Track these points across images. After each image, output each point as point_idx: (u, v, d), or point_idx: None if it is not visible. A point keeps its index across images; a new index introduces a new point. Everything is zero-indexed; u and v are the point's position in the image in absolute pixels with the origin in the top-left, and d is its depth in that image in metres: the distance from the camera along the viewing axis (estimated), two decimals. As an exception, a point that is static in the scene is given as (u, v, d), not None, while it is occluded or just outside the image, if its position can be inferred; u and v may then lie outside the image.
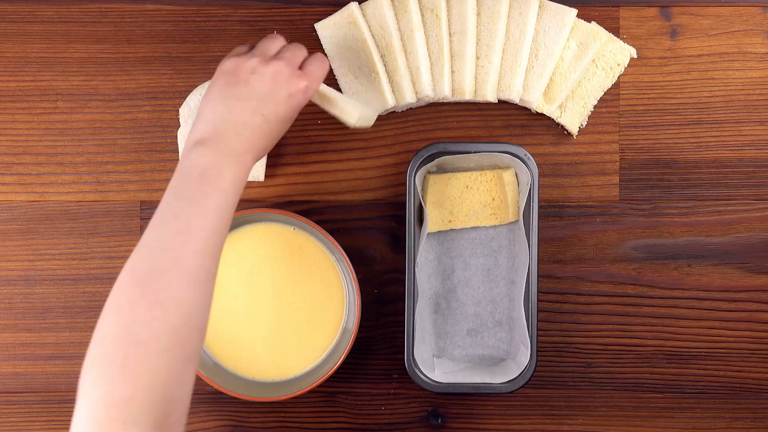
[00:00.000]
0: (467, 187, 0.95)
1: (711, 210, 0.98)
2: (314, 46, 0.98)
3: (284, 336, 0.95)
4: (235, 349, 0.95)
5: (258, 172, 0.96)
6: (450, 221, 0.95)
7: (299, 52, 0.86)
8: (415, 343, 0.92)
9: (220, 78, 0.83)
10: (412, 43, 0.96)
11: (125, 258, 0.98)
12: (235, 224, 0.94)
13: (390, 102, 0.96)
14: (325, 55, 0.96)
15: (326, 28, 0.97)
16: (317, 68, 0.86)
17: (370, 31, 0.96)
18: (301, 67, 0.85)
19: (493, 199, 0.95)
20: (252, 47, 0.86)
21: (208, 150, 0.79)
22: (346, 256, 0.91)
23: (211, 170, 0.78)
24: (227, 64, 0.83)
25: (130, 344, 0.70)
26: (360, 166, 0.99)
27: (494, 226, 0.96)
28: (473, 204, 0.95)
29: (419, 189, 0.94)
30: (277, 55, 0.85)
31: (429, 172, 0.96)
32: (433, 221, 0.95)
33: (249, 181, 0.98)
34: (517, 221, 0.96)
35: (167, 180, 0.97)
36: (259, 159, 0.85)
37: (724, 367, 0.99)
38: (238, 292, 0.95)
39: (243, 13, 0.99)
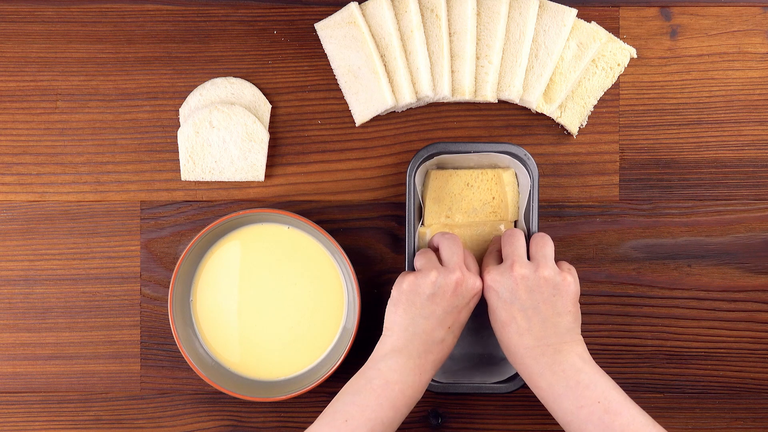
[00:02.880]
0: (468, 185, 0.95)
1: (711, 210, 0.98)
2: (314, 45, 0.98)
3: (284, 335, 0.95)
4: (235, 349, 0.95)
5: (258, 172, 0.96)
6: (448, 217, 0.95)
7: (456, 248, 0.88)
8: (415, 343, 0.92)
9: (402, 297, 0.85)
10: (412, 43, 0.96)
11: (125, 258, 0.99)
12: (236, 225, 0.94)
13: (390, 102, 0.96)
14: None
15: (326, 28, 0.97)
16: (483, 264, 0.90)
17: (370, 31, 0.96)
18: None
19: (494, 197, 0.95)
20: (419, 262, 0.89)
21: (398, 360, 0.84)
22: (346, 256, 0.91)
23: (395, 382, 0.83)
24: (406, 283, 0.86)
25: None
26: (360, 166, 0.99)
27: (494, 227, 0.96)
28: (473, 202, 0.95)
29: (420, 184, 0.95)
30: (445, 263, 0.87)
31: (430, 169, 0.96)
32: (431, 216, 0.95)
33: (249, 181, 0.98)
34: (517, 221, 0.96)
35: (167, 180, 0.98)
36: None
37: (724, 367, 0.99)
38: (239, 292, 0.95)
39: (243, 13, 0.99)
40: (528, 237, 0.93)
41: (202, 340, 0.96)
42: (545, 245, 0.87)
